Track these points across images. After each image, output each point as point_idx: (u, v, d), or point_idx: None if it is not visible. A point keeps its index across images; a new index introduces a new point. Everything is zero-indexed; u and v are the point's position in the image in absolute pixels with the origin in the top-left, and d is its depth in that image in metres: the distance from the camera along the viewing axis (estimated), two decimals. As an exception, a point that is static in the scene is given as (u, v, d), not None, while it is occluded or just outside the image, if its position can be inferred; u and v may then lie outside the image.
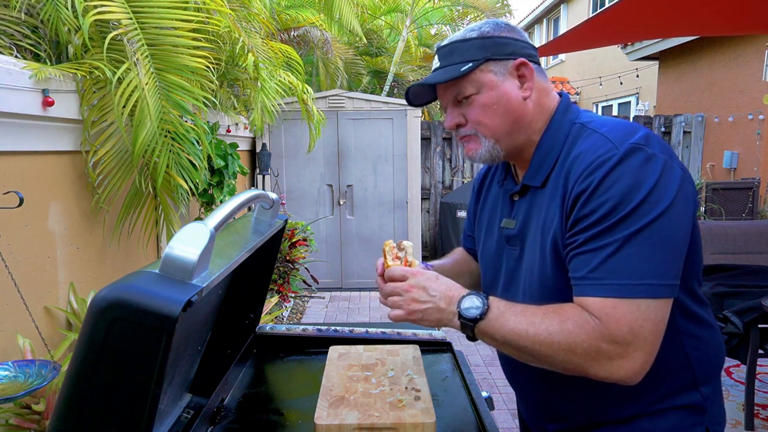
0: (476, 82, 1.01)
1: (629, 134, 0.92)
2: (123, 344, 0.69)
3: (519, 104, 1.02)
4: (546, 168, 1.02)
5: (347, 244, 5.73)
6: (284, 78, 4.10)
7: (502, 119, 1.02)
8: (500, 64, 1.01)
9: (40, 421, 1.66)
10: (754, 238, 3.69)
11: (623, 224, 0.86)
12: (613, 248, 0.86)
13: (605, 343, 0.85)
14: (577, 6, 14.03)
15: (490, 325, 0.93)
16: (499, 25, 1.03)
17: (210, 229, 0.78)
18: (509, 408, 3.13)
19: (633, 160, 0.88)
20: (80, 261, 2.34)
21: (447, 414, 1.20)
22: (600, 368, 0.86)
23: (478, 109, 1.02)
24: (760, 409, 3.03)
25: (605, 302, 0.85)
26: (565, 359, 0.88)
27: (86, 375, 0.69)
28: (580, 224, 0.90)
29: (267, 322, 3.20)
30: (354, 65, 7.87)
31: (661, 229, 0.85)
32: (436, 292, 0.98)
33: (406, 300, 1.00)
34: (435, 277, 1.01)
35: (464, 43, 1.02)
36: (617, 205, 0.86)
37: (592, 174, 0.89)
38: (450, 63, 1.03)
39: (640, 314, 0.84)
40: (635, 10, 3.31)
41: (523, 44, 1.04)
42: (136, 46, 2.28)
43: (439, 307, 0.97)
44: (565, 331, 0.87)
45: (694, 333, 1.00)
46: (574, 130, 1.01)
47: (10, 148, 1.89)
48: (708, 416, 1.01)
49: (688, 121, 6.87)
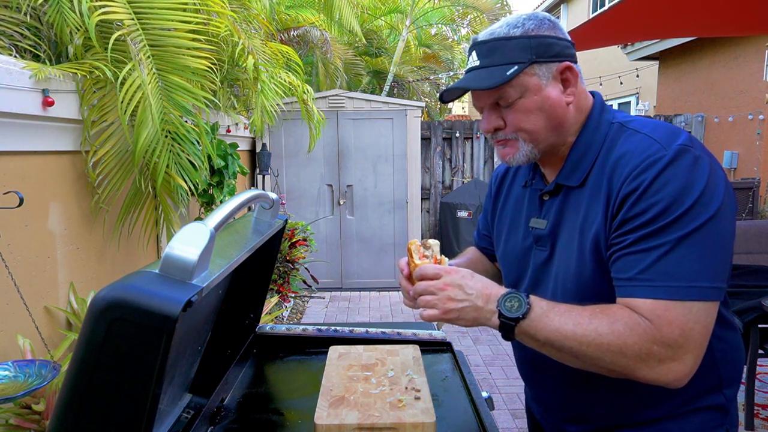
0: (520, 86, 0.97)
1: (675, 135, 0.91)
2: (123, 344, 0.69)
3: (562, 109, 0.99)
4: (584, 168, 0.99)
5: (347, 244, 5.73)
6: (284, 78, 4.10)
7: (544, 124, 0.99)
8: (545, 67, 0.97)
9: (40, 421, 1.66)
10: (754, 238, 3.68)
11: (675, 226, 0.85)
12: (665, 249, 0.85)
13: (657, 345, 0.84)
14: (577, 6, 14.03)
15: (533, 324, 0.89)
16: (543, 22, 0.98)
17: (210, 229, 0.78)
18: (509, 408, 3.13)
19: (683, 161, 0.87)
20: (80, 261, 2.34)
21: (447, 414, 1.20)
22: (649, 371, 0.85)
23: (520, 114, 0.98)
24: (760, 409, 3.03)
25: (657, 304, 0.84)
26: (614, 361, 0.86)
27: (86, 375, 0.69)
28: (628, 224, 0.88)
29: (267, 322, 3.20)
30: (354, 65, 7.87)
31: (712, 231, 0.85)
32: (473, 290, 0.94)
33: (441, 299, 0.95)
34: (470, 275, 0.97)
35: (508, 42, 0.96)
36: (669, 206, 0.85)
37: (643, 174, 0.88)
38: (491, 64, 0.97)
39: (692, 317, 0.83)
40: (635, 11, 3.31)
41: (566, 44, 0.99)
42: (138, 47, 2.28)
43: (477, 306, 0.93)
44: (615, 333, 0.85)
45: (720, 334, 0.99)
46: (613, 129, 0.99)
47: (10, 148, 1.89)
48: (729, 417, 1.01)
49: (688, 121, 6.87)
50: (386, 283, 5.78)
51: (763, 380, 3.41)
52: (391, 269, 5.78)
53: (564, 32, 1.01)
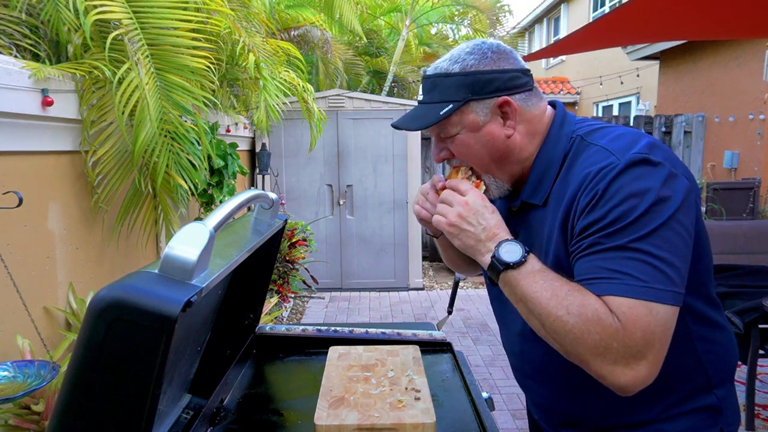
0: (458, 123, 1.00)
1: (631, 144, 0.91)
2: (122, 345, 0.68)
3: (502, 143, 1.00)
4: (546, 186, 1.00)
5: (347, 245, 5.73)
6: (285, 77, 4.10)
7: (487, 158, 1.02)
8: (483, 104, 0.98)
9: (40, 421, 1.66)
10: (755, 238, 3.68)
11: (630, 229, 0.85)
12: (622, 253, 0.85)
13: (617, 343, 0.83)
14: (577, 6, 14.03)
15: (518, 277, 0.91)
16: (485, 55, 0.99)
17: (209, 229, 0.78)
18: (509, 408, 3.13)
19: (635, 170, 0.87)
20: (79, 261, 2.34)
21: (447, 414, 1.20)
22: (602, 367, 0.84)
23: (461, 148, 1.02)
24: (761, 410, 3.02)
25: (620, 301, 0.83)
26: (573, 345, 0.85)
27: (85, 375, 0.69)
28: (586, 231, 0.89)
29: (267, 322, 3.20)
30: (354, 65, 7.86)
31: (664, 237, 0.84)
32: (485, 221, 0.96)
33: (453, 212, 0.98)
34: (492, 210, 0.98)
35: (446, 79, 0.99)
36: (624, 212, 0.85)
37: (596, 186, 0.89)
38: (431, 100, 1.01)
39: (653, 319, 0.82)
40: (636, 14, 3.31)
41: (511, 75, 0.99)
42: (136, 46, 2.27)
43: (479, 238, 0.96)
44: (582, 317, 0.84)
45: (707, 336, 0.99)
46: (575, 145, 0.99)
47: (10, 148, 1.89)
48: (723, 417, 1.01)
49: (689, 121, 6.87)
50: (386, 283, 5.78)
51: (764, 380, 3.41)
52: (391, 269, 5.78)
53: (514, 60, 1.01)
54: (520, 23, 17.08)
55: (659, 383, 0.88)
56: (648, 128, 6.83)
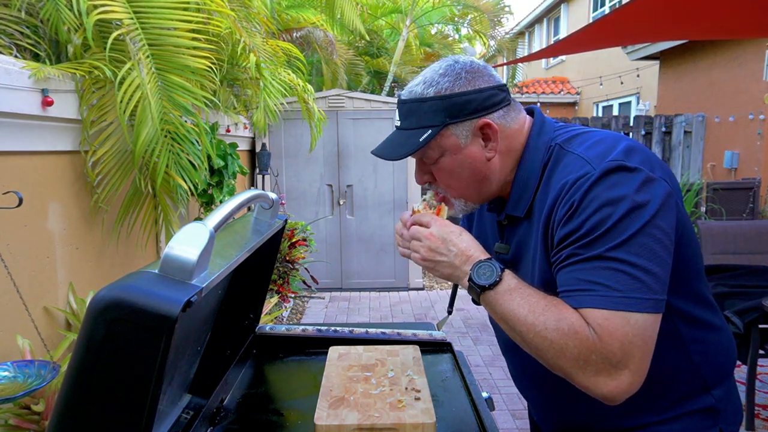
0: (439, 147, 0.99)
1: (607, 151, 0.91)
2: (122, 345, 0.68)
3: (483, 164, 1.00)
4: (527, 198, 1.00)
5: (347, 244, 5.73)
6: (285, 77, 4.10)
7: (468, 180, 1.02)
8: (462, 126, 0.98)
9: (40, 421, 1.66)
10: (755, 239, 3.68)
11: (605, 238, 0.84)
12: (598, 263, 0.85)
13: (595, 355, 0.82)
14: (577, 6, 14.03)
15: (496, 297, 0.91)
16: (460, 75, 0.97)
17: (209, 229, 0.78)
18: (509, 408, 3.13)
19: (610, 178, 0.87)
20: (79, 261, 2.34)
21: (447, 414, 1.20)
22: (585, 378, 0.84)
23: (443, 172, 1.02)
24: (761, 410, 3.02)
25: (596, 313, 0.83)
26: (555, 358, 0.86)
27: (85, 375, 0.69)
28: (564, 242, 0.89)
29: (267, 322, 3.20)
30: (354, 65, 7.86)
31: (641, 244, 0.84)
32: (455, 247, 0.97)
33: (424, 246, 0.99)
34: (459, 232, 0.99)
35: (422, 104, 0.98)
36: (598, 222, 0.85)
37: (572, 197, 0.88)
38: (409, 126, 1.00)
39: (630, 329, 0.82)
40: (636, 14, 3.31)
41: (487, 93, 0.98)
42: (138, 46, 2.27)
43: (453, 264, 0.97)
44: (559, 331, 0.84)
45: (699, 338, 0.98)
46: (554, 153, 0.98)
47: (10, 148, 1.89)
48: (722, 417, 1.00)
49: (689, 121, 6.87)
50: (386, 284, 5.78)
51: (764, 380, 3.41)
52: (391, 269, 5.78)
53: (489, 77, 0.99)
54: (520, 23, 17.09)
55: (654, 386, 0.88)
56: (648, 128, 6.83)
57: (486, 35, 8.82)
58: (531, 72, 15.68)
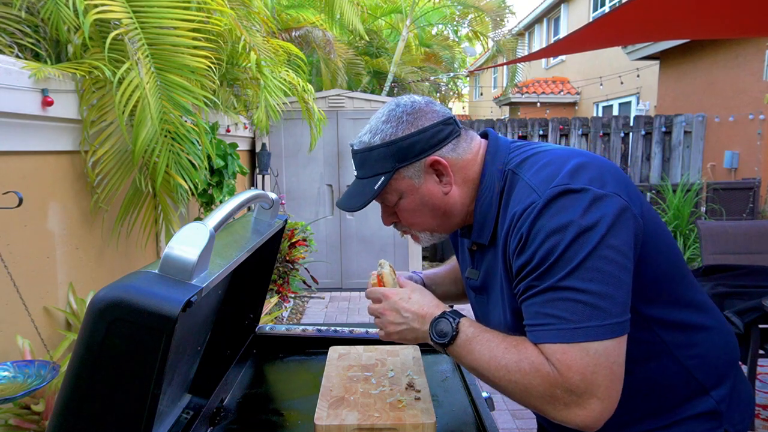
0: (395, 191, 1.01)
1: (552, 176, 0.89)
2: (122, 344, 0.69)
3: (442, 200, 1.01)
4: (489, 226, 1.01)
5: (347, 245, 5.73)
6: (285, 76, 4.10)
7: (431, 216, 1.03)
8: (413, 167, 0.99)
9: (40, 421, 1.66)
10: (755, 238, 3.68)
11: (555, 269, 0.84)
12: (551, 295, 0.84)
13: (559, 390, 0.82)
14: (577, 6, 14.03)
15: (458, 350, 0.94)
16: (401, 119, 0.98)
17: (209, 230, 0.78)
18: (509, 408, 3.13)
19: (555, 204, 0.86)
20: (79, 261, 2.34)
21: (447, 414, 1.20)
22: (557, 413, 0.84)
23: (405, 213, 1.04)
24: (761, 410, 3.02)
25: (554, 348, 0.83)
26: (524, 398, 0.87)
27: (85, 375, 0.69)
28: (519, 275, 0.90)
29: (267, 322, 3.20)
30: (354, 65, 7.86)
31: (592, 268, 0.83)
32: (408, 313, 1.01)
33: (384, 322, 1.04)
34: (407, 297, 1.03)
35: (371, 153, 1.00)
36: (547, 253, 0.84)
37: (520, 229, 0.88)
38: (364, 175, 1.02)
39: (590, 359, 0.81)
40: (636, 14, 3.31)
41: (432, 132, 0.98)
42: (137, 46, 2.27)
43: (413, 327, 1.00)
44: (521, 371, 0.85)
45: (684, 342, 0.97)
46: (508, 178, 0.98)
47: (10, 148, 1.89)
48: (726, 419, 0.98)
49: (689, 121, 6.87)
50: (386, 283, 5.77)
51: (764, 380, 3.41)
52: (391, 269, 5.77)
53: (432, 114, 0.99)
54: (520, 23, 17.09)
55: (650, 395, 0.87)
56: (648, 128, 6.83)
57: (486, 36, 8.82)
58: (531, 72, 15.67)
